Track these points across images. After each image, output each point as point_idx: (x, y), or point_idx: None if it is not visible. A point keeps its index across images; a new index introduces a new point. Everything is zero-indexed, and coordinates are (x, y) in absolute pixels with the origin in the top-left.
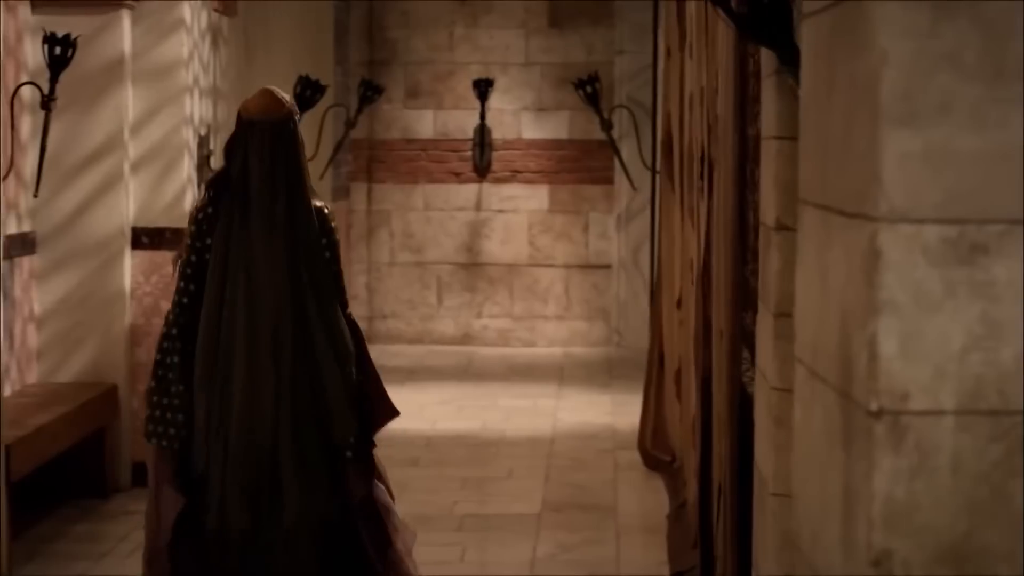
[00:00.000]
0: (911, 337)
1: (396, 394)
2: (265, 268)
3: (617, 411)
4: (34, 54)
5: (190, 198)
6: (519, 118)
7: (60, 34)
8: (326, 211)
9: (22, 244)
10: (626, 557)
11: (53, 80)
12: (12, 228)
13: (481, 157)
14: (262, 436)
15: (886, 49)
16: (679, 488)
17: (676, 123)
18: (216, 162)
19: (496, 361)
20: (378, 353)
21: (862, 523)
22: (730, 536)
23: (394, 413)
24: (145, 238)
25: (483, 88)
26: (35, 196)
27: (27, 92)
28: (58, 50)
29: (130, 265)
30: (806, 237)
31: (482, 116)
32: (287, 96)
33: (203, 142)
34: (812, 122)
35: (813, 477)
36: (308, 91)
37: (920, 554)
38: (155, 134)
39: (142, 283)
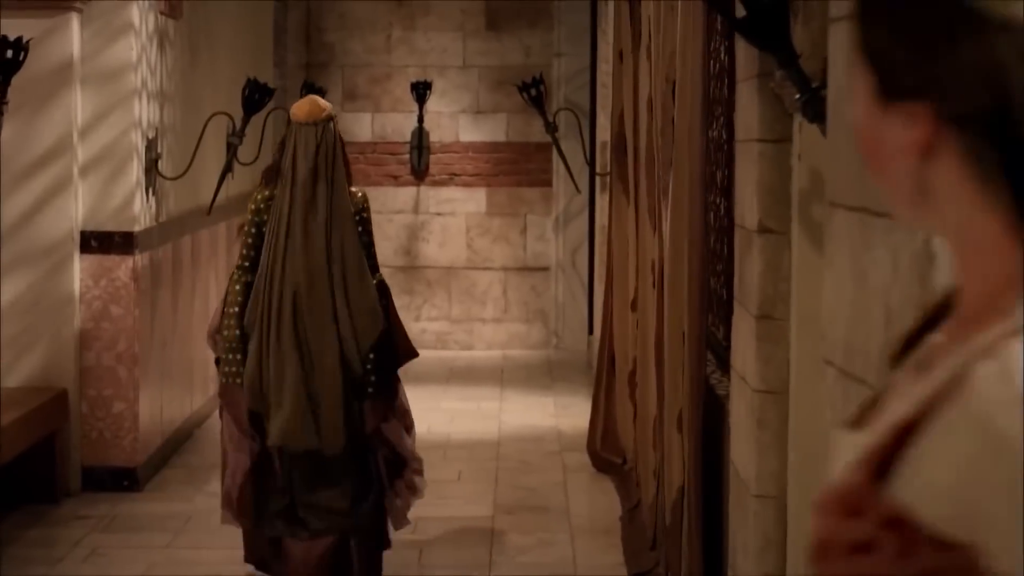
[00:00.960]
0: None
1: None
2: (305, 239)
3: (561, 413)
4: None
5: (139, 202)
6: (457, 121)
7: (11, 37)
8: (359, 195)
9: None
10: (582, 559)
11: (5, 83)
12: None
13: (419, 160)
14: (314, 373)
15: None
16: (631, 489)
17: (630, 125)
18: (164, 166)
19: (435, 364)
20: None
21: None
22: (695, 537)
23: (413, 354)
24: (94, 242)
25: (421, 91)
26: None
27: None
28: (10, 53)
29: (79, 269)
30: (836, 239)
31: (420, 119)
32: (327, 103)
33: (151, 145)
34: (843, 124)
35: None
36: (256, 94)
37: None
38: (104, 137)
39: (91, 287)
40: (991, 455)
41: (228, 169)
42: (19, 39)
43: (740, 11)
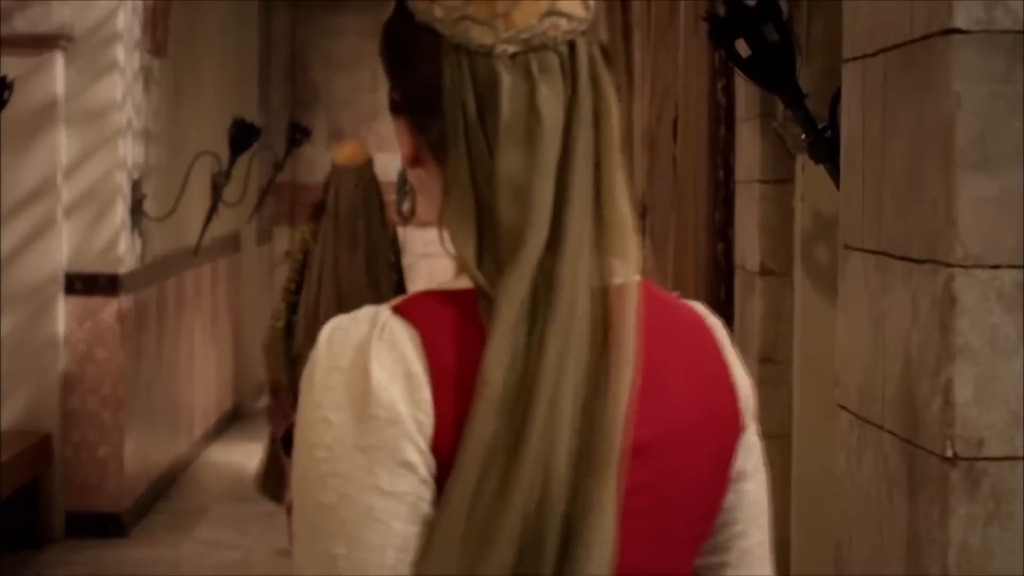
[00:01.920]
0: (986, 383)
1: None
2: (348, 269)
3: None
4: None
5: (124, 243)
6: None
7: None
8: (392, 230)
9: None
10: None
11: None
12: None
13: (405, 200)
14: None
15: (960, 94)
16: None
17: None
18: (149, 206)
19: None
20: None
21: (934, 570)
22: None
23: None
24: (79, 284)
25: None
26: None
27: None
28: None
29: (64, 311)
30: (851, 283)
31: None
32: (366, 149)
33: (136, 186)
34: (858, 166)
35: (865, 523)
36: (242, 134)
37: None
38: (89, 178)
39: (76, 329)
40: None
41: (214, 209)
42: (3, 78)
43: (742, 50)
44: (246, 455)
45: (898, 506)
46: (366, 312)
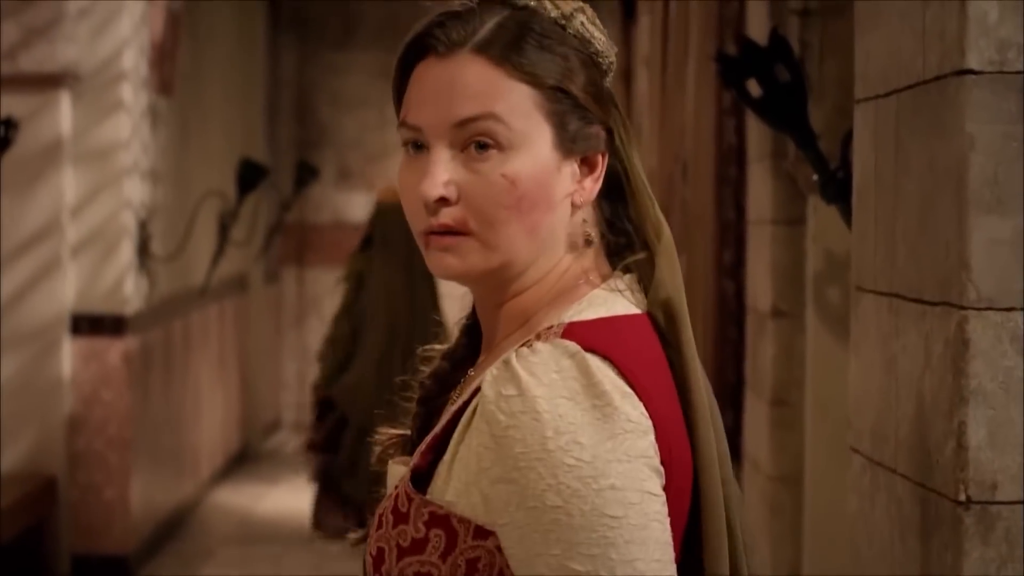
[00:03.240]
0: (1000, 426)
1: None
2: (404, 301)
3: None
4: None
5: (130, 283)
6: None
7: (0, 115)
8: None
9: None
10: None
11: None
12: None
13: None
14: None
15: (973, 134)
16: None
17: None
18: (156, 245)
19: None
20: None
21: None
22: None
23: None
24: (85, 324)
25: None
26: None
27: None
28: (1, 131)
29: (69, 352)
30: (863, 325)
31: None
32: None
33: (143, 226)
34: (870, 207)
35: (877, 567)
36: (250, 173)
37: None
38: (95, 217)
39: (81, 371)
40: (493, 447)
41: (221, 249)
42: (8, 117)
43: (753, 90)
44: (253, 497)
45: (911, 549)
46: (547, 348)
